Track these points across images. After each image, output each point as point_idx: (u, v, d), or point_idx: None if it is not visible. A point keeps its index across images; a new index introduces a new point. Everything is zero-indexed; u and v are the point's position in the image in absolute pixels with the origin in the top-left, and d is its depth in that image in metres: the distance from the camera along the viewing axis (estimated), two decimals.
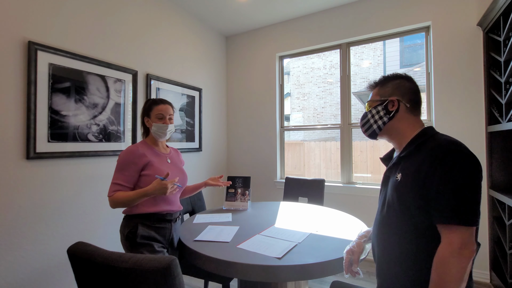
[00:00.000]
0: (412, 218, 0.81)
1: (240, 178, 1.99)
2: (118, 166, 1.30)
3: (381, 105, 0.95)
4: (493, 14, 1.86)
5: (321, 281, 2.19)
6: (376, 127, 0.97)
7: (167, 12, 2.65)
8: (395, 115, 0.93)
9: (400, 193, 0.84)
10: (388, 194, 0.91)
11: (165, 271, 0.70)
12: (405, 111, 0.93)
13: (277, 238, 1.31)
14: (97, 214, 2.00)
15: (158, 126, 1.40)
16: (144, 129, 1.48)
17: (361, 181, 2.78)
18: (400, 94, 0.93)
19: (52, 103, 1.74)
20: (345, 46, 2.83)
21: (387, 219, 0.90)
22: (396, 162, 0.92)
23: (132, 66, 2.28)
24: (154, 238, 1.30)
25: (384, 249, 0.91)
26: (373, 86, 1.02)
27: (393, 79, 0.97)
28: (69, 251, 0.80)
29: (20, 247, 1.61)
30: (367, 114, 1.00)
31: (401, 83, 0.95)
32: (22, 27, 1.63)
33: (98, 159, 2.02)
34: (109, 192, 1.28)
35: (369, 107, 1.00)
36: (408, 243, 0.83)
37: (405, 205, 0.83)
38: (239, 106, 3.44)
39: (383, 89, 0.97)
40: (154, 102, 1.44)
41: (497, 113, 1.93)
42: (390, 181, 0.93)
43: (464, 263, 0.71)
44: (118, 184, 1.28)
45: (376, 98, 0.98)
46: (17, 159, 1.60)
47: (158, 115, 1.40)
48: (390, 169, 0.95)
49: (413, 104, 0.93)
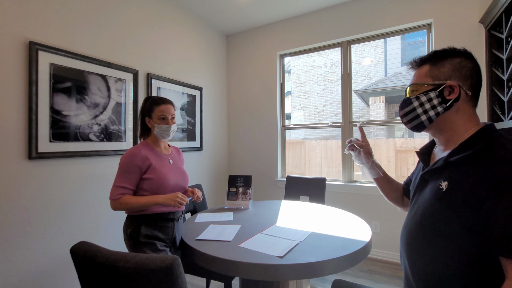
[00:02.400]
0: (456, 236, 0.66)
1: (241, 177, 1.99)
2: (121, 169, 1.29)
3: (435, 91, 0.74)
4: (495, 11, 1.84)
5: (323, 280, 2.20)
6: (426, 119, 0.76)
7: (167, 11, 2.64)
8: (453, 104, 0.73)
9: (443, 205, 0.68)
10: (425, 201, 0.75)
11: (167, 270, 0.70)
12: (465, 100, 0.73)
13: (278, 237, 1.31)
14: (99, 214, 2.01)
15: (161, 128, 1.38)
16: (143, 128, 1.45)
17: (363, 179, 2.78)
18: (461, 77, 0.72)
19: (53, 103, 1.75)
20: (346, 44, 2.82)
21: (421, 230, 0.74)
22: (441, 166, 0.73)
23: (132, 66, 2.28)
24: (157, 237, 1.31)
25: (415, 264, 0.76)
26: (419, 63, 0.79)
27: (451, 55, 0.75)
28: (72, 250, 0.80)
29: (23, 247, 1.62)
30: (411, 101, 0.78)
31: (463, 62, 0.73)
32: (23, 27, 1.63)
33: (100, 159, 2.03)
34: (114, 195, 1.26)
35: (415, 92, 0.78)
36: (448, 266, 0.68)
37: (448, 221, 0.67)
38: (240, 105, 3.44)
39: (437, 68, 0.75)
40: (154, 102, 1.40)
41: (499, 111, 1.92)
42: (429, 186, 0.76)
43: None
44: (123, 187, 1.27)
45: (427, 81, 0.76)
46: (19, 159, 1.61)
47: (160, 116, 1.38)
48: (431, 172, 0.76)
49: (474, 91, 0.73)
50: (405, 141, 3.75)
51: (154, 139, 1.44)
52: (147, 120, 1.42)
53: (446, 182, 0.70)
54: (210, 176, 3.19)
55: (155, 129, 1.39)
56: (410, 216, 0.82)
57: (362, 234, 1.33)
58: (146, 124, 1.44)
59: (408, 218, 0.82)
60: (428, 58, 0.78)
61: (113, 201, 1.26)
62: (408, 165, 3.55)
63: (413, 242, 0.77)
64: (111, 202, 1.27)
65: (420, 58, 0.80)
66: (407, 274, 0.81)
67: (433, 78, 0.75)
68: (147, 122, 1.42)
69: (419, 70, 0.80)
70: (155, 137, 1.43)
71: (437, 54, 0.77)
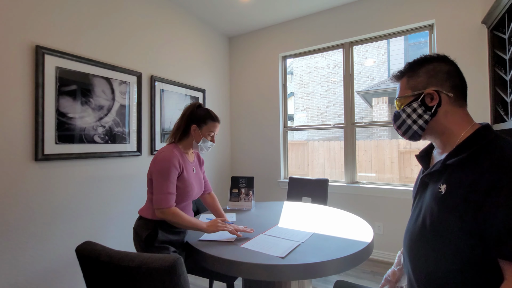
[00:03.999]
0: (456, 239, 0.66)
1: (244, 178, 2.01)
2: (164, 175, 1.22)
3: (417, 101, 0.76)
4: (497, 11, 1.84)
5: (325, 281, 2.20)
6: (418, 128, 0.78)
7: (170, 15, 2.67)
8: (438, 109, 0.74)
9: (442, 208, 0.69)
10: (426, 204, 0.75)
11: (170, 269, 0.71)
12: (449, 103, 0.74)
13: (280, 238, 1.32)
14: (104, 214, 2.04)
15: (206, 143, 1.38)
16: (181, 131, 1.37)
17: (365, 180, 2.77)
18: (438, 82, 0.74)
19: (59, 105, 1.78)
20: (348, 45, 2.83)
21: (423, 233, 0.74)
22: (440, 169, 0.73)
23: (136, 68, 2.31)
24: (171, 241, 1.31)
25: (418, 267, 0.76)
26: (399, 76, 0.82)
27: (424, 63, 0.77)
28: (77, 250, 0.82)
29: (30, 247, 1.64)
30: (400, 113, 0.81)
31: (437, 67, 0.75)
32: (29, 32, 1.67)
33: (104, 160, 2.05)
34: (167, 202, 1.20)
35: (401, 104, 0.80)
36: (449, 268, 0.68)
37: (448, 224, 0.67)
38: (243, 107, 3.45)
39: (413, 79, 0.77)
40: (211, 117, 1.37)
41: (502, 111, 1.91)
42: (429, 189, 0.77)
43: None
44: (171, 193, 1.23)
45: (408, 93, 0.78)
46: (25, 161, 1.64)
47: (211, 132, 1.37)
48: (431, 175, 0.77)
49: (458, 92, 0.74)
50: (409, 143, 3.74)
51: (186, 146, 1.40)
52: (193, 128, 1.36)
53: (445, 185, 0.70)
54: (213, 177, 3.21)
55: (200, 141, 1.36)
56: (412, 219, 0.82)
57: (364, 235, 1.33)
58: (186, 128, 1.38)
59: (410, 222, 0.83)
60: (405, 70, 0.80)
61: (167, 209, 1.20)
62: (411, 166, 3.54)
63: (415, 246, 0.77)
64: (163, 210, 1.20)
65: (398, 72, 0.82)
66: (410, 278, 0.81)
67: (413, 89, 0.78)
68: (193, 130, 1.36)
69: (400, 83, 0.82)
70: (189, 144, 1.39)
71: (411, 65, 0.79)
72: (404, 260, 0.86)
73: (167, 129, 2.59)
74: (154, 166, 1.27)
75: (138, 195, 2.30)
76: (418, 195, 0.83)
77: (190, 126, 1.37)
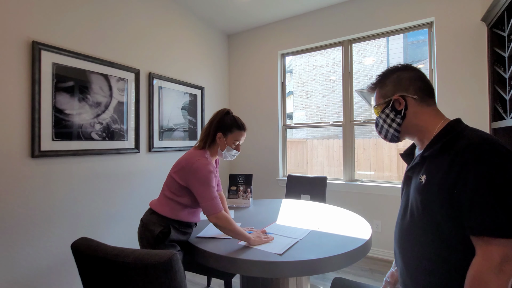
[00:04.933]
0: (439, 225, 0.72)
1: (242, 175, 2.00)
2: (206, 182, 1.22)
3: (388, 107, 0.86)
4: (497, 9, 1.83)
5: (323, 278, 2.20)
6: (393, 130, 0.87)
7: (169, 11, 2.65)
8: (406, 112, 0.83)
9: (424, 197, 0.75)
10: (411, 197, 0.82)
11: (166, 265, 0.71)
12: (416, 104, 0.82)
13: (278, 235, 1.32)
14: (101, 211, 2.03)
15: (231, 151, 1.37)
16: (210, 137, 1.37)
17: (364, 178, 2.77)
18: (403, 88, 0.84)
19: (56, 102, 1.76)
20: (347, 43, 2.82)
21: (410, 224, 0.80)
22: (419, 162, 0.81)
23: (134, 65, 2.30)
24: (179, 240, 1.30)
25: (408, 258, 0.81)
26: (373, 88, 0.93)
27: (389, 74, 0.88)
28: (72, 246, 0.81)
29: (26, 244, 1.64)
30: (378, 120, 0.91)
31: (400, 75, 0.85)
32: (26, 27, 1.65)
33: (102, 157, 2.04)
34: (217, 207, 1.21)
35: (377, 112, 0.91)
36: (435, 254, 0.73)
37: (430, 211, 0.73)
38: (241, 104, 3.44)
39: (383, 89, 0.88)
40: (238, 126, 1.37)
41: (501, 109, 1.91)
42: (412, 182, 0.83)
43: (505, 280, 0.61)
44: (217, 197, 1.24)
45: (380, 101, 0.89)
46: (22, 157, 1.63)
47: (236, 141, 1.37)
48: (412, 169, 0.84)
49: (422, 94, 0.82)
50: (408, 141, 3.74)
51: (212, 153, 1.39)
52: (218, 135, 1.35)
53: (424, 176, 0.77)
54: None
55: (224, 149, 1.36)
56: (400, 214, 0.88)
57: (362, 232, 1.33)
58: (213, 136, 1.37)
59: (399, 216, 0.89)
60: (376, 82, 0.92)
61: (220, 213, 1.20)
62: None
63: (405, 238, 0.82)
64: (217, 215, 1.20)
65: (372, 84, 0.93)
66: (401, 270, 0.85)
67: (384, 97, 0.88)
68: (218, 138, 1.35)
69: (375, 94, 0.93)
70: (215, 151, 1.39)
71: (380, 77, 0.90)
72: (395, 254, 0.91)
73: (166, 126, 2.58)
74: (192, 173, 1.24)
75: (136, 192, 2.29)
76: (404, 190, 0.90)
77: (216, 134, 1.36)
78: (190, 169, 1.24)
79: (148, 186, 2.39)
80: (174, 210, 1.28)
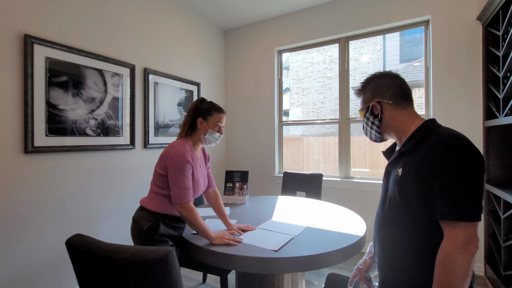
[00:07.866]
0: (414, 213, 0.80)
1: (238, 172, 2.00)
2: (180, 170, 1.22)
3: (368, 112, 0.96)
4: (492, 8, 1.85)
5: (318, 274, 2.22)
6: (375, 132, 0.98)
7: (165, 6, 2.62)
8: (383, 116, 0.94)
9: (401, 188, 0.83)
10: (390, 189, 0.90)
11: (162, 262, 0.71)
12: (391, 108, 0.92)
13: (274, 231, 1.32)
14: (95, 208, 2.01)
15: (214, 134, 1.37)
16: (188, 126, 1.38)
17: (360, 175, 2.80)
18: (379, 94, 0.93)
19: (49, 97, 1.74)
20: (344, 40, 2.82)
21: (388, 213, 0.89)
22: (397, 157, 0.90)
23: (129, 60, 2.27)
24: (170, 236, 1.30)
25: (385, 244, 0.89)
26: (358, 94, 1.03)
27: (369, 82, 0.98)
28: (67, 242, 0.81)
29: (20, 241, 1.62)
30: (363, 123, 1.02)
31: (377, 83, 0.95)
32: (18, 20, 1.61)
33: (97, 153, 2.02)
34: (186, 197, 1.21)
35: (362, 116, 1.01)
36: (411, 238, 0.81)
37: (407, 200, 0.81)
38: (238, 101, 3.43)
39: (365, 95, 0.98)
40: (215, 108, 1.38)
41: (494, 108, 1.93)
42: (391, 175, 0.92)
43: (469, 258, 0.70)
44: (189, 188, 1.23)
45: (362, 106, 1.00)
46: (15, 153, 1.60)
47: (217, 123, 1.37)
48: (391, 164, 0.93)
49: (396, 99, 0.91)
50: None
51: (195, 141, 1.39)
52: (199, 121, 1.36)
53: (401, 169, 0.85)
54: None
55: (207, 133, 1.36)
56: (379, 204, 0.96)
57: (356, 228, 1.35)
58: (193, 123, 1.38)
59: (378, 207, 0.97)
60: (360, 89, 1.01)
61: (186, 204, 1.20)
62: None
63: (383, 228, 0.91)
64: (183, 205, 1.20)
65: (357, 90, 1.03)
66: (379, 257, 0.93)
67: (365, 103, 0.98)
68: (199, 123, 1.36)
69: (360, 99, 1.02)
70: (198, 139, 1.39)
71: (363, 84, 1.00)
72: (374, 242, 0.99)
73: (161, 122, 2.56)
74: (168, 160, 1.25)
75: (131, 189, 2.28)
76: (383, 183, 0.98)
77: (196, 120, 1.37)
78: (167, 156, 1.27)
79: (143, 183, 2.38)
80: (161, 204, 1.29)
